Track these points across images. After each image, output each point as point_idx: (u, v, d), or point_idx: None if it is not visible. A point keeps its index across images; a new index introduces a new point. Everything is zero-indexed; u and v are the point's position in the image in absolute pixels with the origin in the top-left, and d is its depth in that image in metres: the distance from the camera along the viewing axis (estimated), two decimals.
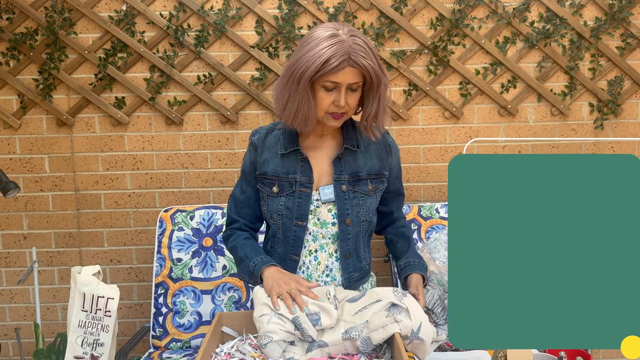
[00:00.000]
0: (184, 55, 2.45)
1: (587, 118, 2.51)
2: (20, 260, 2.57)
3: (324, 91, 1.31)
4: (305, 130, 1.38)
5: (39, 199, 2.54)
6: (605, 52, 2.45)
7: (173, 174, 2.53)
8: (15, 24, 2.40)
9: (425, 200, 2.56)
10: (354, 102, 1.34)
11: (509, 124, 2.52)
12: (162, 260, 2.24)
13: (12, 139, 2.50)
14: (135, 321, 2.62)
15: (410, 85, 2.49)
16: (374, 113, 1.36)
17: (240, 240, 1.46)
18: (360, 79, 1.30)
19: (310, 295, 1.25)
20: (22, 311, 2.61)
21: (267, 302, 1.23)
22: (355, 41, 1.27)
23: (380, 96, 1.34)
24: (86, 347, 1.28)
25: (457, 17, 2.40)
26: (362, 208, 1.43)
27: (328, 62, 1.25)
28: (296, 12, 2.40)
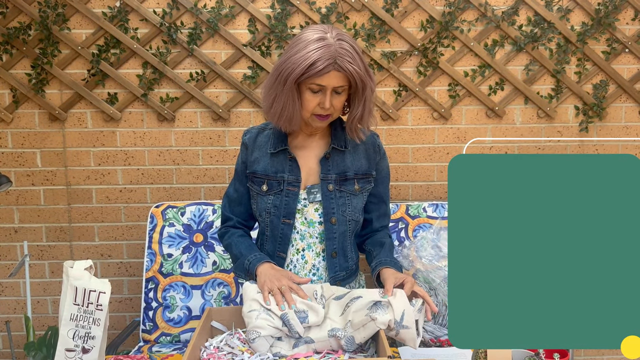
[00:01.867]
0: (177, 52, 2.47)
1: (573, 121, 2.57)
2: (10, 253, 2.59)
3: (310, 93, 1.33)
4: (290, 129, 1.42)
5: (30, 193, 2.55)
6: (591, 56, 2.50)
7: (164, 170, 2.56)
8: (8, 18, 2.41)
9: (413, 199, 2.60)
10: (340, 105, 1.37)
11: (496, 126, 2.56)
12: (152, 256, 2.27)
13: (4, 133, 2.51)
14: (126, 315, 2.65)
15: (400, 86, 2.52)
16: (359, 116, 1.38)
17: (235, 238, 1.50)
18: (346, 82, 1.33)
19: (300, 294, 1.29)
20: (12, 304, 2.62)
21: (257, 297, 1.27)
22: (342, 45, 1.30)
23: (366, 99, 1.36)
24: (78, 339, 1.30)
25: (447, 19, 2.44)
26: (348, 207, 1.46)
27: (313, 66, 1.28)
28: (289, 12, 2.43)
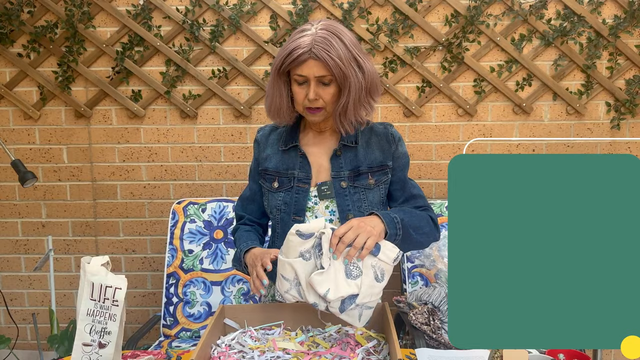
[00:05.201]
0: (199, 49, 2.48)
1: (604, 117, 2.48)
2: (39, 247, 2.65)
3: (297, 85, 1.33)
4: (281, 123, 1.44)
5: (57, 188, 2.60)
6: (624, 50, 2.41)
7: (187, 166, 2.58)
8: (35, 17, 2.46)
9: (436, 197, 2.56)
10: (328, 97, 1.33)
11: (523, 122, 2.50)
12: (173, 251, 2.29)
13: (32, 130, 2.57)
14: (149, 309, 2.68)
15: (424, 81, 2.48)
16: (343, 106, 1.34)
17: (239, 233, 1.51)
18: (328, 72, 1.29)
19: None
20: (39, 297, 2.69)
21: (283, 273, 1.24)
22: (323, 35, 1.28)
23: (350, 90, 1.32)
24: (94, 334, 1.32)
25: (472, 13, 2.38)
26: (364, 202, 1.43)
27: (291, 54, 1.28)
28: (310, 8, 2.41)
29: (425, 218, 1.42)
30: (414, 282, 2.31)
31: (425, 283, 2.30)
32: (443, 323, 1.99)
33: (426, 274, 2.31)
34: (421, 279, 2.31)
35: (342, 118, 1.38)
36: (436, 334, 1.90)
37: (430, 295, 2.03)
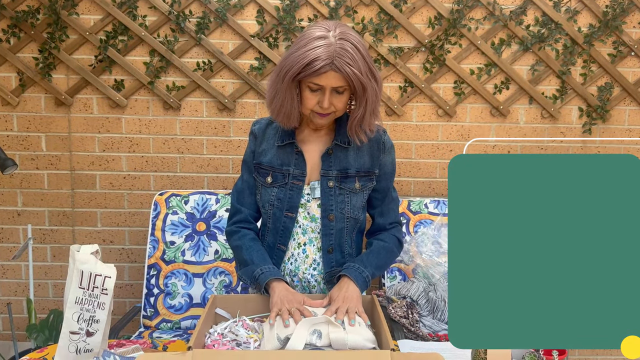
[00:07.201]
0: (185, 41, 2.48)
1: (576, 122, 2.58)
2: (13, 236, 2.60)
3: (309, 91, 1.32)
4: (289, 126, 1.41)
5: (34, 176, 2.56)
6: (597, 58, 2.51)
7: (169, 158, 2.57)
8: (17, 1, 2.41)
9: (415, 195, 2.62)
10: (341, 104, 1.35)
11: (500, 125, 2.58)
12: (155, 243, 2.29)
13: (10, 116, 2.52)
14: (126, 301, 2.67)
15: (406, 82, 2.53)
16: (360, 117, 1.36)
17: (247, 241, 1.47)
18: (345, 83, 1.30)
19: (305, 313, 1.25)
20: (13, 287, 2.64)
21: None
22: (343, 45, 1.26)
23: (368, 101, 1.33)
24: (82, 323, 1.31)
25: (455, 17, 2.45)
26: (347, 205, 1.45)
27: (310, 65, 1.26)
28: (297, 4, 2.44)
29: (391, 250, 1.50)
30: (393, 277, 2.37)
31: (404, 278, 2.36)
32: (421, 316, 2.05)
33: (404, 270, 2.37)
34: (399, 274, 2.37)
35: (357, 129, 1.38)
36: (414, 327, 1.96)
37: (408, 289, 2.09)
